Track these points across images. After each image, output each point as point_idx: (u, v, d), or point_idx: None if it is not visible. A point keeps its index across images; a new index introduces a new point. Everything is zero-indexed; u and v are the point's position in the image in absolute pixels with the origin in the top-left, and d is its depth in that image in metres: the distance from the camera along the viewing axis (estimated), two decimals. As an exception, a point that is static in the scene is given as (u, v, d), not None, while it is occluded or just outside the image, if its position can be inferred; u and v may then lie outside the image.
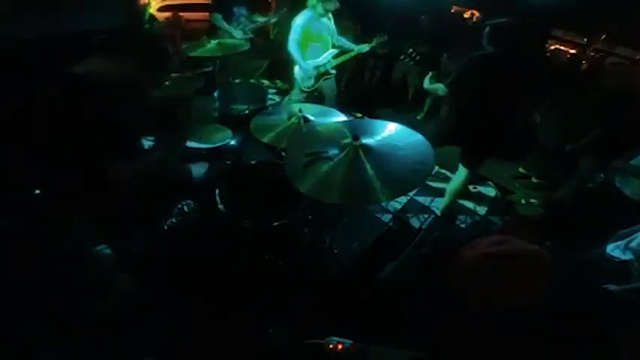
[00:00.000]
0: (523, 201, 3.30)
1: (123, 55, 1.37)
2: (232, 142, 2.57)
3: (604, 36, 3.53)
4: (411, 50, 3.00)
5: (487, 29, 2.44)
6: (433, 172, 3.09)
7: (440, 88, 2.58)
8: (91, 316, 1.39)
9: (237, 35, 3.62)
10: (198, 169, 2.37)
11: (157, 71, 2.50)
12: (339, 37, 3.47)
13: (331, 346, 1.06)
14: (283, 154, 2.09)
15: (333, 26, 3.38)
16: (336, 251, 2.35)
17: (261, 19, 3.96)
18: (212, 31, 3.75)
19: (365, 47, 3.50)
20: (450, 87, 2.53)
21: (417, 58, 2.98)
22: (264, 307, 1.87)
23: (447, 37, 4.18)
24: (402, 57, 3.00)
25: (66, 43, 1.27)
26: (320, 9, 3.14)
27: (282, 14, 4.26)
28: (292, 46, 3.24)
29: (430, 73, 2.65)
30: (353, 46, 3.51)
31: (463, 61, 2.51)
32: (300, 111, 2.13)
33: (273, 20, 4.26)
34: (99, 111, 1.32)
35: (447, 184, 3.06)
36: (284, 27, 4.28)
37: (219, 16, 3.71)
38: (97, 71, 1.33)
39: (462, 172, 2.83)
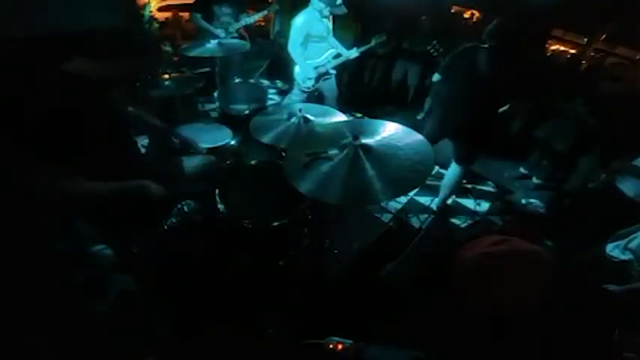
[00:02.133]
0: (523, 201, 3.30)
1: (119, 54, 1.37)
2: (232, 142, 2.57)
3: (604, 36, 3.53)
4: (435, 42, 3.01)
5: (491, 25, 2.43)
6: (433, 172, 3.08)
7: None
8: (91, 316, 1.38)
9: (219, 34, 3.57)
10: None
11: (154, 71, 2.50)
12: (333, 39, 3.43)
13: (331, 346, 1.06)
14: (283, 154, 2.09)
15: (331, 26, 3.37)
16: (336, 251, 2.35)
17: (247, 19, 3.84)
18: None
19: (354, 52, 3.43)
20: (440, 73, 2.56)
21: (441, 50, 2.99)
22: (265, 307, 1.87)
23: (447, 36, 4.18)
24: (428, 47, 3.04)
25: (61, 42, 1.26)
26: (326, 12, 3.14)
27: (276, 11, 4.18)
28: (292, 47, 3.23)
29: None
30: (344, 50, 3.45)
31: (456, 50, 2.52)
32: (300, 111, 2.13)
33: (257, 18, 4.02)
34: (94, 110, 1.33)
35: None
36: (284, 27, 4.26)
37: (198, 16, 3.67)
38: (93, 71, 1.33)
39: (455, 169, 2.83)
